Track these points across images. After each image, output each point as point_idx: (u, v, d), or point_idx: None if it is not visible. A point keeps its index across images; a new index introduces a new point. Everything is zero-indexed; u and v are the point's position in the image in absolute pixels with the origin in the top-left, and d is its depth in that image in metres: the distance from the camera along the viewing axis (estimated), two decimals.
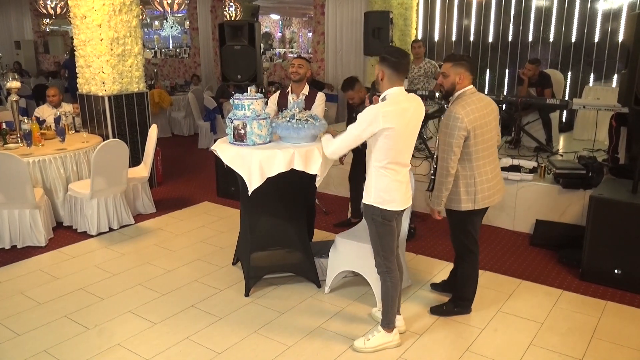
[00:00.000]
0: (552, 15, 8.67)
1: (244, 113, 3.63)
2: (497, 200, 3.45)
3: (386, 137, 2.92)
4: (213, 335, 3.42)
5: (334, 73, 10.26)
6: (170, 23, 20.30)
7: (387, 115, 2.89)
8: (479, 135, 3.23)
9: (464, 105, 3.20)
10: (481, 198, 3.33)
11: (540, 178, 5.22)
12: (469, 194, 3.31)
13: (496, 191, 3.41)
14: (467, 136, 3.20)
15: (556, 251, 4.63)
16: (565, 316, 3.65)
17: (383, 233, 3.13)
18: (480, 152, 3.27)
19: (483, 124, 3.24)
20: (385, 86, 3.00)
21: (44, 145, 5.39)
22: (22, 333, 3.44)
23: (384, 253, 3.16)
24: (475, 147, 3.25)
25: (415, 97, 3.08)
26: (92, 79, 6.01)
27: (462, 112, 3.17)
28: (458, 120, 3.16)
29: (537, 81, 6.69)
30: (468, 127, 3.17)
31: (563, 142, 7.30)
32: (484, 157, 3.30)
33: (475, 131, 3.21)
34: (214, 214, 5.74)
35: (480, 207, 3.37)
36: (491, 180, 3.35)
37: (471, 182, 3.30)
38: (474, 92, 3.28)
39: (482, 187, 3.31)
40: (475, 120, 3.19)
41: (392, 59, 2.95)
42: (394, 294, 3.21)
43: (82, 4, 5.75)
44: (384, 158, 2.98)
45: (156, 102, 9.41)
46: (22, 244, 4.80)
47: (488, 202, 3.38)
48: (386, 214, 3.07)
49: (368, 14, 7.91)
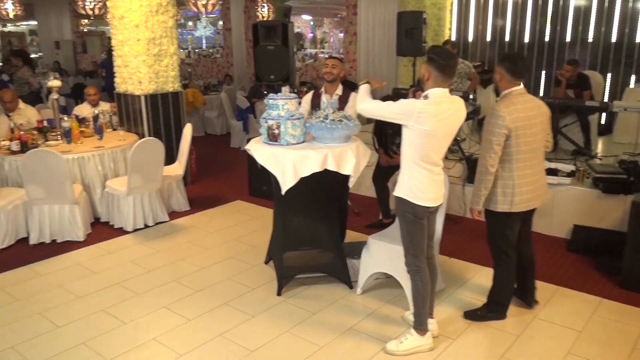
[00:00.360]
0: (591, 14, 8.46)
1: (278, 113, 3.65)
2: (537, 205, 3.39)
3: (419, 135, 2.93)
4: (246, 333, 3.45)
5: (365, 73, 10.23)
6: (204, 23, 20.55)
7: (422, 114, 2.89)
8: (522, 137, 3.19)
9: (507, 105, 3.19)
10: (519, 201, 3.28)
11: (579, 182, 5.09)
12: (506, 196, 3.28)
13: (536, 196, 3.35)
14: (508, 135, 3.17)
15: (594, 257, 4.51)
16: (604, 325, 3.55)
17: (414, 231, 3.11)
18: (522, 154, 3.23)
19: (527, 125, 3.20)
20: (429, 86, 3.00)
21: (82, 143, 5.53)
22: (61, 325, 3.54)
23: (414, 251, 3.14)
24: (517, 148, 3.21)
25: (459, 99, 3.07)
26: (129, 78, 6.13)
27: (504, 110, 3.16)
28: (500, 119, 3.15)
29: (575, 82, 6.54)
30: (510, 126, 3.14)
31: (602, 145, 7.11)
32: (525, 159, 3.25)
33: (517, 132, 3.17)
34: (246, 213, 5.79)
35: (518, 210, 3.31)
36: (531, 184, 3.30)
37: (509, 183, 3.26)
38: (521, 93, 3.26)
39: (520, 190, 3.27)
40: (518, 121, 3.16)
41: (440, 60, 2.95)
42: (424, 294, 3.18)
43: (120, 4, 5.88)
44: (417, 155, 2.99)
45: (190, 102, 9.55)
46: (61, 238, 4.93)
47: (525, 206, 3.32)
48: (417, 211, 3.05)
49: (401, 14, 7.84)
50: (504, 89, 3.27)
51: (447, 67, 2.96)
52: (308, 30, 21.90)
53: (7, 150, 5.20)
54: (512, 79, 3.26)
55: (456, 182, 5.50)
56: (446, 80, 2.99)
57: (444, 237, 4.15)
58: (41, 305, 3.80)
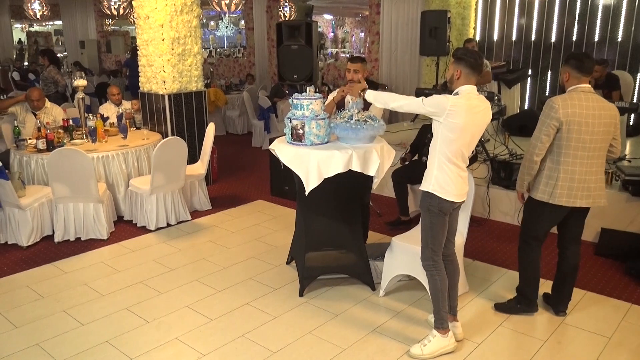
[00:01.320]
0: (620, 13, 8.26)
1: (303, 113, 3.63)
2: (581, 204, 3.34)
3: (451, 129, 2.97)
4: (268, 334, 3.43)
5: (388, 73, 10.16)
6: (226, 23, 20.67)
7: (455, 107, 2.94)
8: (575, 132, 3.21)
9: (565, 98, 3.24)
10: (559, 194, 3.30)
11: (607, 184, 4.96)
12: (547, 186, 3.33)
13: (583, 195, 3.31)
14: (559, 128, 3.21)
15: (623, 262, 4.41)
16: (635, 331, 3.45)
17: (436, 224, 3.13)
18: (572, 149, 3.24)
19: (584, 122, 3.20)
20: (459, 84, 3.08)
21: (107, 142, 5.58)
22: (85, 323, 3.57)
23: (433, 246, 3.16)
24: (567, 143, 3.24)
25: (486, 100, 3.11)
26: (153, 77, 6.18)
27: (560, 102, 3.21)
28: (553, 110, 3.21)
29: (604, 83, 6.39)
30: (562, 118, 3.19)
31: (630, 146, 6.93)
32: (575, 155, 3.25)
33: (570, 126, 3.20)
34: (268, 213, 5.79)
35: (556, 203, 3.31)
36: (577, 181, 3.28)
37: (554, 175, 3.31)
38: (586, 91, 3.27)
39: (563, 184, 3.29)
40: (574, 115, 3.19)
41: (470, 59, 3.04)
42: (443, 289, 3.17)
43: (146, 4, 5.92)
44: (448, 150, 3.02)
45: (212, 101, 9.59)
46: (85, 236, 4.98)
47: (566, 202, 3.31)
48: (443, 205, 3.08)
49: (425, 13, 7.78)
50: (570, 86, 3.30)
51: (477, 65, 3.05)
52: (329, 29, 21.87)
53: (33, 149, 5.28)
54: (578, 74, 3.28)
55: (480, 184, 5.42)
56: (476, 78, 3.06)
57: (468, 239, 4.09)
58: (66, 303, 3.84)
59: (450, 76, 3.11)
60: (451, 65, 3.12)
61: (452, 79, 3.10)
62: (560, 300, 3.66)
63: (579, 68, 3.26)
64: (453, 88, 3.09)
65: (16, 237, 4.85)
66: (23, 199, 4.78)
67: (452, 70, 3.10)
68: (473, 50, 3.20)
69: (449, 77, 3.14)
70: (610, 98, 6.28)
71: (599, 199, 3.37)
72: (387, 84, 10.02)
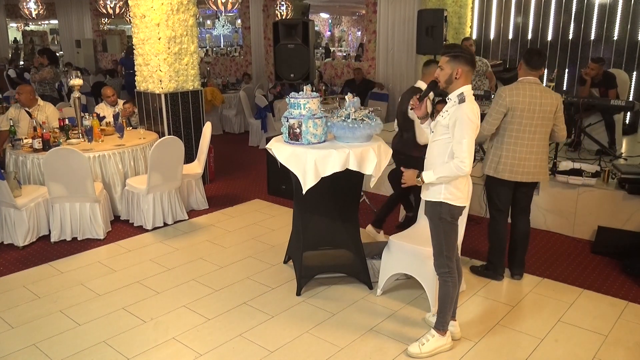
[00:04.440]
0: (616, 12, 8.28)
1: (300, 112, 3.63)
2: (522, 179, 3.83)
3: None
4: (265, 333, 3.43)
5: (384, 72, 10.16)
6: (222, 22, 20.64)
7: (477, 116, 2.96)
8: (517, 117, 3.72)
9: (512, 88, 3.74)
10: (502, 170, 3.83)
11: (604, 183, 4.98)
12: (492, 162, 3.88)
13: (524, 172, 3.81)
14: (505, 113, 3.73)
15: (619, 260, 4.42)
16: (631, 329, 3.46)
17: (450, 231, 3.08)
18: (515, 131, 3.76)
19: (527, 109, 3.70)
20: (459, 84, 2.94)
21: (103, 141, 5.56)
22: (82, 323, 3.56)
23: (448, 253, 3.09)
24: (510, 126, 3.75)
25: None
26: (150, 76, 6.16)
27: (507, 92, 3.72)
28: (501, 98, 3.73)
29: (600, 81, 6.40)
30: (508, 105, 3.70)
31: (627, 145, 6.96)
32: (517, 137, 3.76)
33: (514, 112, 3.71)
34: (265, 212, 5.78)
35: (501, 178, 3.84)
36: (519, 159, 3.78)
37: (497, 153, 3.84)
38: (532, 82, 3.76)
39: (505, 161, 3.81)
40: (517, 103, 3.69)
41: (467, 55, 2.94)
42: (453, 295, 3.15)
43: (142, 3, 5.90)
44: None
45: (208, 100, 9.58)
46: (82, 236, 4.97)
47: (508, 176, 3.83)
48: (455, 212, 3.05)
49: (422, 11, 7.77)
50: (520, 77, 3.83)
51: (474, 60, 2.99)
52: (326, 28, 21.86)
53: (29, 148, 5.26)
54: (526, 68, 3.79)
55: (477, 182, 5.41)
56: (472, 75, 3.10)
57: (465, 238, 4.10)
58: (62, 303, 3.83)
59: (448, 76, 2.93)
60: (446, 65, 2.93)
61: (450, 79, 2.93)
62: (515, 265, 4.13)
63: (528, 63, 3.79)
64: (452, 89, 2.95)
65: (12, 237, 4.83)
66: (19, 198, 4.76)
67: (449, 69, 2.92)
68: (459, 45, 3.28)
69: (446, 77, 2.94)
70: (607, 96, 6.30)
71: (539, 175, 3.86)
72: (383, 83, 10.02)
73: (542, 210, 5.14)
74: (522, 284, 4.07)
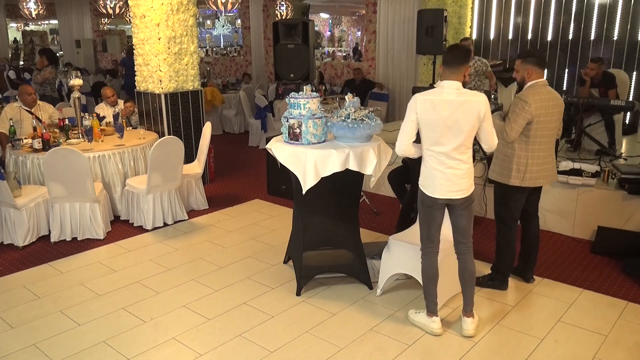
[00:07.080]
0: (616, 12, 8.28)
1: (300, 112, 3.63)
2: (544, 184, 3.78)
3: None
4: (265, 333, 3.43)
5: (384, 72, 10.16)
6: (222, 22, 20.62)
7: None
8: (541, 123, 3.59)
9: (534, 94, 3.57)
10: (529, 178, 3.67)
11: (604, 183, 4.98)
12: (519, 172, 3.67)
13: (544, 176, 3.72)
14: (530, 121, 3.55)
15: (619, 260, 4.41)
16: (631, 329, 3.46)
17: (422, 217, 3.32)
18: (539, 137, 3.62)
19: (546, 114, 3.59)
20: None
21: (103, 141, 5.56)
22: (82, 323, 3.56)
23: (421, 236, 3.35)
24: (535, 133, 3.60)
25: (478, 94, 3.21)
26: (150, 77, 6.16)
27: (531, 98, 3.54)
28: (527, 104, 3.52)
29: (600, 81, 6.39)
30: (533, 112, 3.52)
31: (626, 145, 6.96)
32: (540, 142, 3.64)
33: (539, 118, 3.56)
34: (265, 212, 5.78)
35: (526, 185, 3.69)
36: (542, 164, 3.68)
37: (523, 162, 3.65)
38: (544, 85, 3.64)
39: (531, 169, 3.66)
40: (541, 109, 3.55)
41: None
42: (425, 276, 3.34)
43: (142, 3, 5.90)
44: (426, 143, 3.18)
45: (208, 100, 9.57)
46: (82, 236, 4.97)
47: (534, 183, 3.71)
48: (424, 199, 3.26)
49: (422, 12, 7.77)
50: (531, 81, 3.64)
51: None
52: (326, 28, 21.86)
53: (29, 148, 5.26)
54: (539, 70, 3.64)
55: (477, 182, 5.39)
56: None
57: None
58: (62, 303, 3.83)
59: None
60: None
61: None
62: (529, 269, 4.06)
63: (540, 64, 3.64)
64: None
65: (12, 237, 4.83)
66: (19, 198, 4.76)
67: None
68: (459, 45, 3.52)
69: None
70: (607, 96, 6.30)
71: (554, 176, 3.83)
72: (383, 83, 10.02)
73: (542, 210, 5.10)
74: (522, 284, 4.07)
